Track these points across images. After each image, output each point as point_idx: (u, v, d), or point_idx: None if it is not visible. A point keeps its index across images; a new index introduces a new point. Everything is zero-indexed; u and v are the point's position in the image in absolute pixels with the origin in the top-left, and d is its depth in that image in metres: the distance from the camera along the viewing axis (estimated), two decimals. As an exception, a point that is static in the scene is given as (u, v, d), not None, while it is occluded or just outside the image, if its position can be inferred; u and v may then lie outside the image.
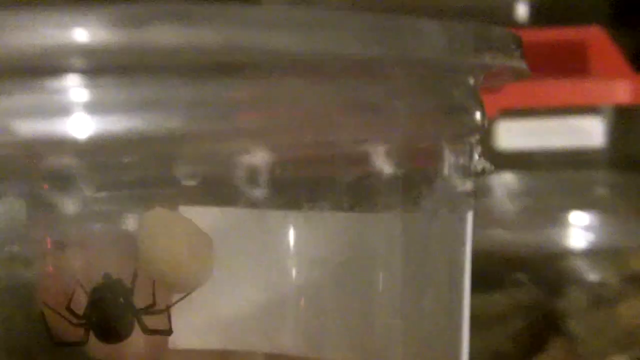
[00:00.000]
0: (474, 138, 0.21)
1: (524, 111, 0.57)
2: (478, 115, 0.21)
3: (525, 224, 0.55)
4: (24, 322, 0.20)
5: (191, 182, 0.17)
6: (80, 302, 0.18)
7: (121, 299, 0.19)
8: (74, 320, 0.18)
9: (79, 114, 0.16)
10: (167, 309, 0.19)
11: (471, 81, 0.20)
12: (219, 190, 0.18)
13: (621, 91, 0.57)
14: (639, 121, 0.63)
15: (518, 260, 0.55)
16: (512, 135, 0.57)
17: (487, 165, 0.21)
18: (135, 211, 0.19)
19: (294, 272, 0.20)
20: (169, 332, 0.19)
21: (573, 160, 0.61)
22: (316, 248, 0.20)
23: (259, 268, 0.20)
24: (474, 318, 0.22)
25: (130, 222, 0.19)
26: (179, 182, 0.17)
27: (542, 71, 0.54)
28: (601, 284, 0.53)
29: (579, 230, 0.53)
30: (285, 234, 0.20)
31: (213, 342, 0.20)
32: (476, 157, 0.21)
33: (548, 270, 0.55)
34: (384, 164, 0.18)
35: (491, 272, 0.22)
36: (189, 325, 0.20)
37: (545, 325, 0.53)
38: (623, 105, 0.59)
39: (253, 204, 0.19)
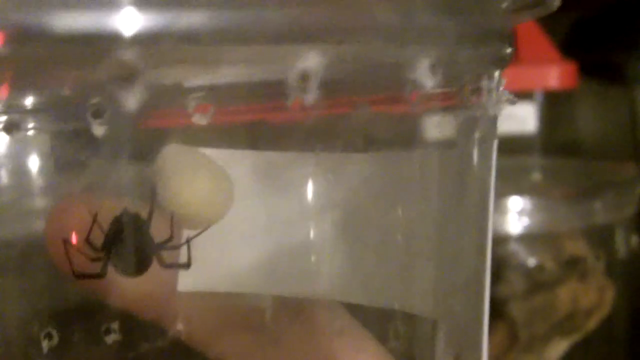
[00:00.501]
0: (503, 67, 0.20)
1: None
2: (509, 45, 0.20)
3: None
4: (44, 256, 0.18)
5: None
6: (99, 237, 0.18)
7: (139, 233, 0.18)
8: (93, 254, 0.17)
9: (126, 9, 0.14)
10: (187, 242, 0.18)
11: (505, 9, 0.20)
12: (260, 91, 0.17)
13: (551, 76, 0.57)
14: (569, 106, 0.63)
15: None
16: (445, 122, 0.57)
17: (511, 97, 0.20)
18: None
19: (314, 214, 0.19)
20: (187, 265, 0.18)
21: (507, 146, 0.61)
22: (340, 189, 0.19)
23: (278, 210, 0.19)
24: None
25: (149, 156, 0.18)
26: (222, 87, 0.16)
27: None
28: (539, 268, 0.53)
29: (515, 215, 0.53)
30: (307, 175, 0.19)
31: (223, 284, 0.19)
32: (501, 87, 0.20)
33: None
34: (424, 78, 0.17)
35: None
36: (199, 268, 0.19)
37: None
38: (553, 91, 0.59)
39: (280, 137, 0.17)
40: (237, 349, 0.19)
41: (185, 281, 0.19)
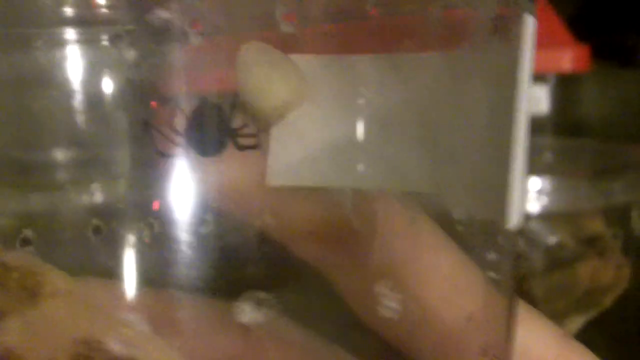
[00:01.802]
0: None
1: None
2: None
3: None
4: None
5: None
6: (181, 122, 0.19)
7: (217, 119, 0.19)
8: (175, 137, 0.19)
9: None
10: (258, 130, 0.20)
11: None
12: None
13: (564, 59, 0.58)
14: (582, 88, 0.64)
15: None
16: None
17: None
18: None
19: (378, 110, 0.20)
20: (256, 147, 0.20)
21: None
22: (398, 88, 0.21)
23: (344, 107, 0.20)
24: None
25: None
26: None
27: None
28: (559, 246, 0.54)
29: (535, 194, 0.54)
30: (372, 75, 0.20)
31: (306, 179, 0.20)
32: None
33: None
34: None
35: None
36: (284, 163, 0.20)
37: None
38: (566, 73, 0.60)
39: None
40: (319, 244, 0.20)
41: (273, 176, 0.20)
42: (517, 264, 0.23)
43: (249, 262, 0.20)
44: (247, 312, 0.19)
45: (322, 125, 0.20)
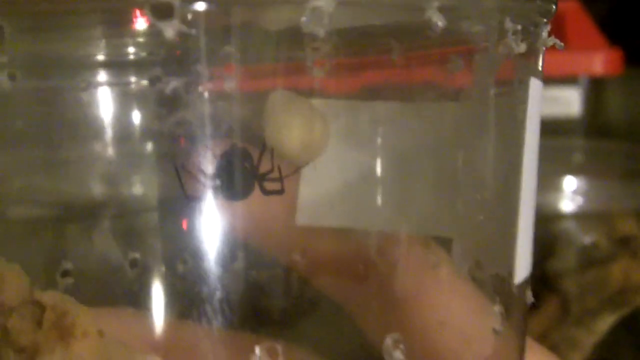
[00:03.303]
0: (547, 16, 0.22)
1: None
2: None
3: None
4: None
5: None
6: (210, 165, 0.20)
7: (245, 164, 0.20)
8: (204, 180, 0.20)
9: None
10: (281, 175, 0.21)
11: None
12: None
13: (597, 62, 0.58)
14: (613, 91, 0.64)
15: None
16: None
17: (558, 42, 0.22)
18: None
19: (398, 156, 0.21)
20: (281, 192, 0.21)
21: (551, 128, 0.62)
22: (417, 135, 0.21)
23: (366, 152, 0.21)
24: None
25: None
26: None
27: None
28: (593, 245, 0.54)
29: (569, 194, 0.54)
30: (393, 121, 0.21)
31: (332, 219, 0.21)
32: (546, 34, 0.22)
33: (540, 232, 0.56)
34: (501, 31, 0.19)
35: None
36: (312, 204, 0.21)
37: (537, 285, 0.54)
38: (598, 76, 0.60)
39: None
40: (342, 281, 0.21)
41: (302, 216, 0.21)
42: (527, 313, 0.23)
43: (276, 296, 0.21)
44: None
45: (345, 168, 0.21)
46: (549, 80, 0.60)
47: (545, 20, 0.22)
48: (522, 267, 0.22)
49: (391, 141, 0.21)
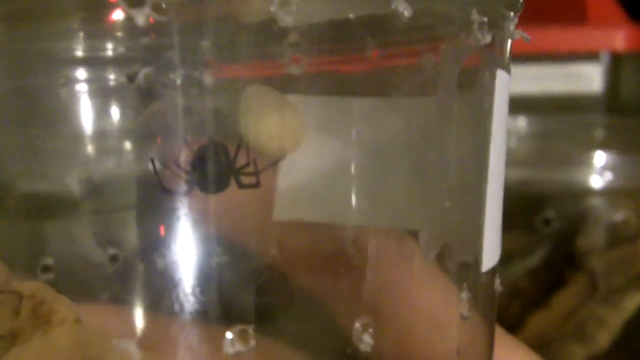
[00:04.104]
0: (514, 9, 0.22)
1: (525, 57, 0.58)
2: None
3: (538, 164, 0.56)
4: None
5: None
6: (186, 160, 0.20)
7: (221, 157, 0.20)
8: (181, 174, 0.20)
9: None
10: (257, 169, 0.21)
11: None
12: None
13: (618, 38, 0.58)
14: (634, 67, 0.64)
15: (536, 199, 0.56)
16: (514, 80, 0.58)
17: (525, 35, 0.22)
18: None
19: (372, 150, 0.22)
20: (256, 185, 0.21)
21: (572, 104, 0.62)
22: (387, 130, 0.22)
23: (341, 146, 0.21)
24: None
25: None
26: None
27: (542, 19, 0.55)
28: (622, 222, 0.54)
29: (597, 169, 0.54)
30: (368, 116, 0.22)
31: (309, 214, 0.22)
32: (513, 27, 0.23)
33: (568, 209, 0.56)
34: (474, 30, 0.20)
35: (509, 209, 0.23)
36: (289, 199, 0.21)
37: (564, 262, 0.54)
38: (619, 53, 0.60)
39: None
40: (317, 274, 0.22)
41: (279, 211, 0.21)
42: (495, 301, 0.24)
43: (251, 291, 0.21)
44: (234, 344, 0.20)
45: (321, 162, 0.22)
46: (569, 56, 0.60)
47: (512, 13, 0.22)
48: (490, 256, 0.22)
49: (366, 136, 0.21)
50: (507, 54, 0.23)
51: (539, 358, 0.26)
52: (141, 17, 0.18)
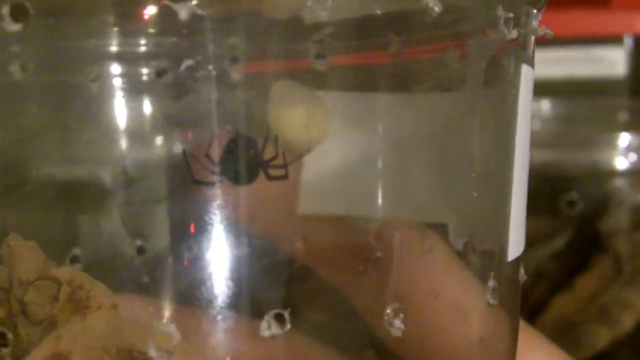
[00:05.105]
0: (537, 6, 0.23)
1: (549, 41, 0.58)
2: None
3: (562, 146, 0.56)
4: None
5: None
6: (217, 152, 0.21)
7: (250, 150, 0.21)
8: (211, 166, 0.20)
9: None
10: (286, 162, 0.21)
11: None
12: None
13: (641, 22, 0.58)
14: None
15: (560, 181, 0.56)
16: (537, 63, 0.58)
17: (548, 31, 0.23)
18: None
19: (396, 145, 0.22)
20: (285, 177, 0.21)
21: (596, 88, 0.62)
22: (412, 125, 0.22)
23: (366, 141, 0.22)
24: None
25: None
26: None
27: (566, 3, 0.55)
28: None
29: (622, 151, 0.54)
30: (389, 114, 0.22)
31: (333, 208, 0.22)
32: (536, 23, 0.23)
33: (593, 191, 0.56)
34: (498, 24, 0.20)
35: (534, 192, 0.23)
36: (314, 193, 0.22)
37: (588, 245, 0.54)
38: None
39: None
40: (341, 267, 0.22)
41: (304, 204, 0.22)
42: (519, 291, 0.24)
43: (277, 282, 0.22)
44: (271, 327, 0.20)
45: (346, 157, 0.22)
46: (593, 40, 0.60)
47: (535, 10, 0.22)
48: (515, 246, 0.23)
49: (391, 131, 0.22)
50: (532, 49, 0.23)
51: (559, 350, 0.26)
52: (184, 12, 0.18)
